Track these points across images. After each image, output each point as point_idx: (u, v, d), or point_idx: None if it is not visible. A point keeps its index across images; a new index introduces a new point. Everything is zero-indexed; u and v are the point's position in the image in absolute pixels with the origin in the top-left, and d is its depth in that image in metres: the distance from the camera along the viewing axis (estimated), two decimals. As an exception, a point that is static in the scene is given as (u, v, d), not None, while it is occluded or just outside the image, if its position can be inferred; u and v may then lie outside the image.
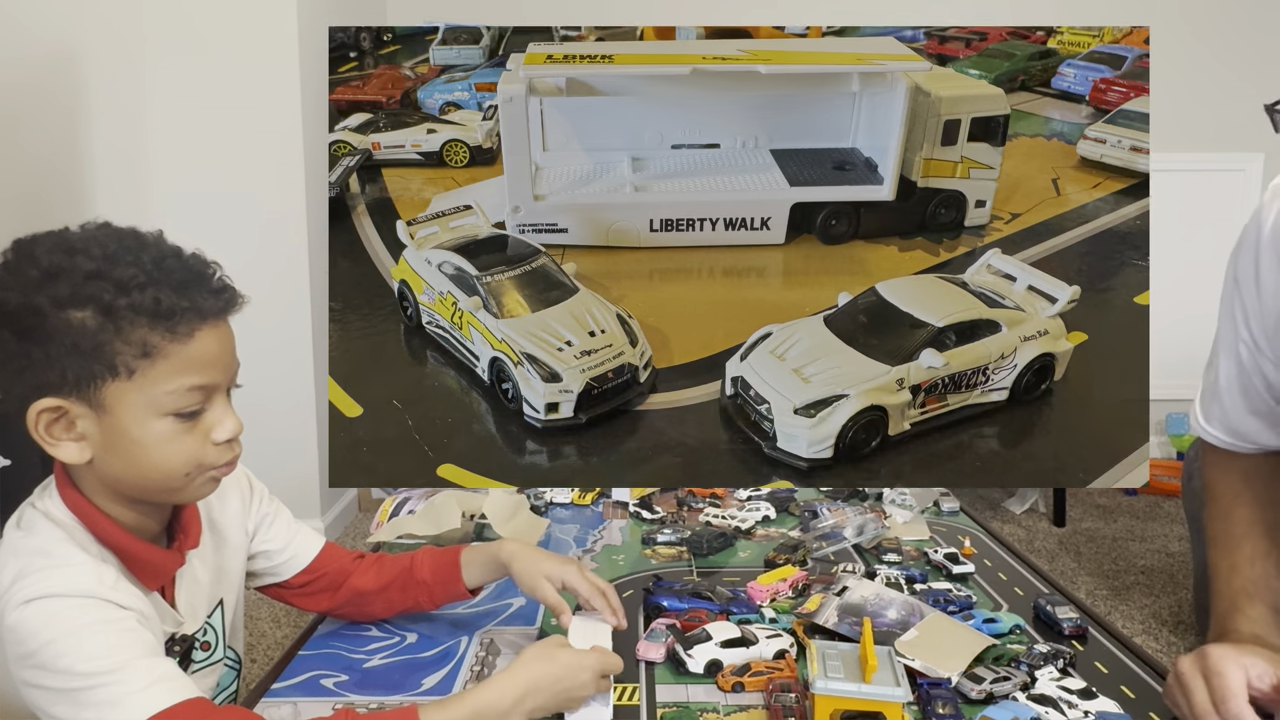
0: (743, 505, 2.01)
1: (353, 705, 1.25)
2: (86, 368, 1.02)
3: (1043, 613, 1.48)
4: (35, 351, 1.02)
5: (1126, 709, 1.22)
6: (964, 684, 1.24)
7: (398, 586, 1.46)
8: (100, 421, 1.05)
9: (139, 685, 0.99)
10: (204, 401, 1.09)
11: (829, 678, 1.10)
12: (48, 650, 0.99)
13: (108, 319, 1.02)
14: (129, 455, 1.06)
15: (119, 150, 3.57)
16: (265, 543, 1.39)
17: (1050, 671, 1.28)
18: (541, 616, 1.51)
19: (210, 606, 1.28)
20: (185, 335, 1.05)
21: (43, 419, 1.04)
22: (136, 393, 1.04)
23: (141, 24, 3.49)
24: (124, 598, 1.06)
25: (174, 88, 3.55)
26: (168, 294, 1.04)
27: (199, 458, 1.09)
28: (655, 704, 1.24)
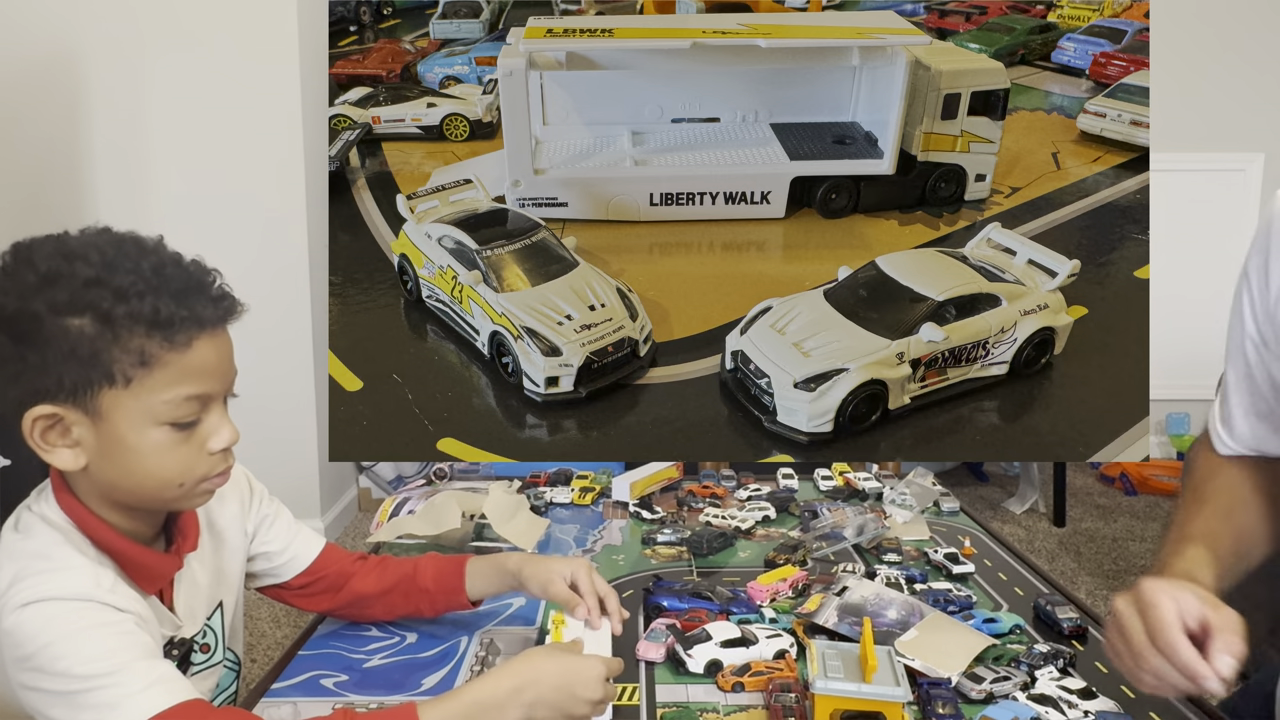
0: (743, 505, 2.02)
1: (352, 705, 1.25)
2: (83, 375, 1.02)
3: (1043, 613, 1.49)
4: (31, 357, 1.01)
5: (1126, 709, 1.22)
6: (964, 684, 1.25)
7: (400, 592, 1.46)
8: (96, 429, 1.04)
9: (137, 687, 0.99)
10: (200, 411, 1.09)
11: (829, 678, 1.10)
12: (45, 653, 0.99)
13: (106, 326, 1.01)
14: (124, 463, 1.06)
15: (119, 140, 3.59)
16: (265, 544, 1.39)
17: (1050, 671, 1.29)
18: (541, 617, 1.51)
19: (209, 609, 1.28)
20: (183, 344, 1.05)
21: (38, 425, 1.04)
22: (133, 401, 1.04)
23: (138, 18, 3.49)
24: (121, 600, 1.06)
25: (173, 78, 3.56)
26: (166, 302, 1.03)
27: (194, 468, 1.10)
28: (655, 704, 1.25)
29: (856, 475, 2.22)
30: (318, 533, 1.48)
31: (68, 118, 3.44)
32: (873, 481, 2.18)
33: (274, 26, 3.52)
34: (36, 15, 3.34)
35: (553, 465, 2.25)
